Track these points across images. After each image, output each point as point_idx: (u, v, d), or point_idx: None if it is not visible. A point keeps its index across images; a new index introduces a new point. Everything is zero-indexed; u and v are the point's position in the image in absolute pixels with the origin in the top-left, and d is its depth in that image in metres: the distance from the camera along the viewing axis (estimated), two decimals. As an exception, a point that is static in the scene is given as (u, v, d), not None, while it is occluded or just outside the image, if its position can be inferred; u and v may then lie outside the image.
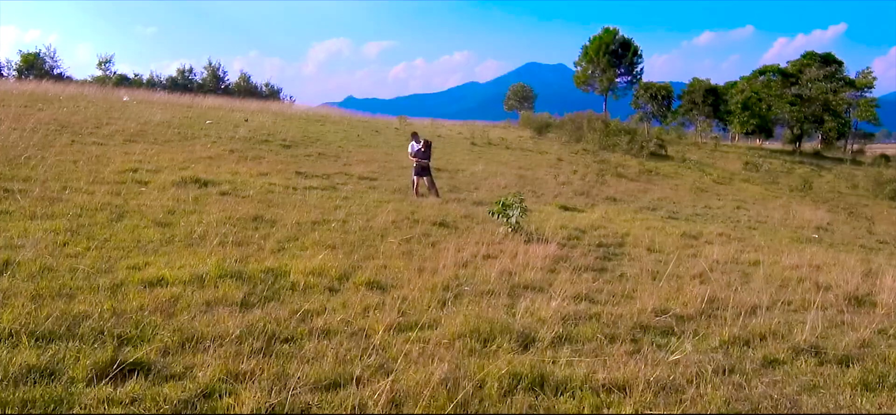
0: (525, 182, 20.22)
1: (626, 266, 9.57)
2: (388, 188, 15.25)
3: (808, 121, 53.97)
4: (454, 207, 13.32)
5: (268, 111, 31.34)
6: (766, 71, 55.17)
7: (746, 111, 54.63)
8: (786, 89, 55.15)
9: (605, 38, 52.82)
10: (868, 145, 62.61)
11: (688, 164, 34.08)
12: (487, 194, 16.33)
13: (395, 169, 19.53)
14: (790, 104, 54.16)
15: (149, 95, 32.58)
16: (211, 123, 24.11)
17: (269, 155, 19.11)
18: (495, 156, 27.54)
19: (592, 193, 19.68)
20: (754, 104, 54.43)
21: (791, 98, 54.25)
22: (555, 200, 16.90)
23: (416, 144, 15.38)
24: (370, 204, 12.65)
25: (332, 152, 21.63)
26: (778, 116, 56.61)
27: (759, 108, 54.90)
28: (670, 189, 24.35)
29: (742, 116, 55.00)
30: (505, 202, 11.14)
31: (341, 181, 15.70)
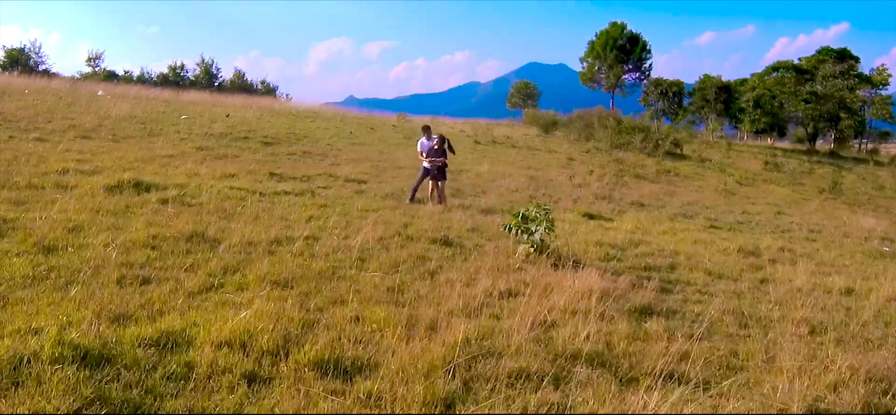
0: (537, 185, 17.54)
1: (696, 302, 6.91)
2: (379, 193, 12.57)
3: (823, 119, 51.22)
4: (458, 216, 10.64)
5: (256, 107, 28.66)
6: (780, 67, 52.41)
7: (758, 109, 51.95)
8: (800, 86, 52.38)
9: (613, 33, 50.09)
10: (882, 145, 59.88)
11: (707, 164, 31.38)
12: (497, 200, 13.66)
13: (390, 169, 16.86)
14: (805, 102, 51.41)
15: (127, 90, 29.91)
16: (186, 119, 21.44)
17: (244, 153, 16.44)
18: (501, 155, 24.85)
19: (614, 196, 17.00)
20: (767, 102, 51.72)
21: (806, 95, 51.49)
22: (575, 207, 14.22)
23: (427, 140, 12.71)
24: (353, 214, 9.98)
25: (318, 151, 18.95)
26: (791, 114, 53.91)
27: (771, 105, 52.23)
28: (696, 191, 21.65)
29: (754, 113, 52.32)
30: (525, 214, 8.44)
31: (323, 184, 13.02)
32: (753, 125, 52.82)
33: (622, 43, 49.97)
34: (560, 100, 62.31)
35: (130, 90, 29.89)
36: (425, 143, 12.68)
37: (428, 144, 12.56)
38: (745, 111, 52.73)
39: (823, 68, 51.98)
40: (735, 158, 36.82)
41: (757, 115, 52.42)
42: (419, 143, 12.99)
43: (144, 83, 48.81)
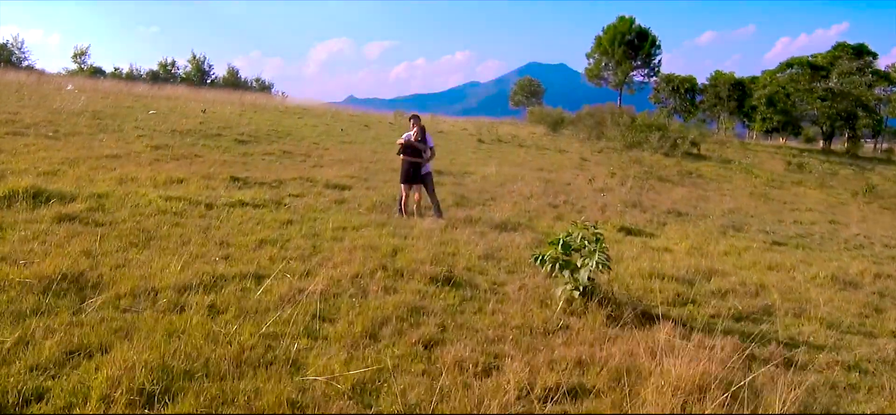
0: (554, 189, 14.87)
1: (862, 393, 4.28)
2: (365, 202, 9.91)
3: (840, 118, 48.48)
4: (465, 236, 7.99)
5: (241, 103, 26.02)
6: (794, 63, 49.68)
7: (771, 107, 49.25)
8: (815, 83, 49.64)
9: (621, 28, 47.37)
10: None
11: (730, 164, 28.71)
12: (511, 210, 11.00)
13: (382, 172, 14.22)
14: (820, 99, 48.67)
15: (104, 85, 27.25)
16: (154, 114, 18.79)
17: (210, 153, 13.78)
18: (508, 155, 22.18)
19: (645, 203, 14.33)
20: (781, 99, 49.00)
21: (821, 92, 48.75)
22: (606, 218, 11.56)
23: (408, 136, 9.85)
24: (325, 234, 7.32)
25: (301, 150, 16.29)
26: (806, 113, 51.19)
27: (785, 104, 49.51)
28: (728, 196, 18.98)
29: (766, 111, 49.62)
30: (567, 241, 5.74)
31: (296, 191, 10.36)
32: (764, 124, 50.12)
33: (630, 38, 47.22)
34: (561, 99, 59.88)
35: (106, 85, 27.21)
36: (409, 135, 9.79)
37: (408, 135, 9.72)
38: (757, 109, 50.04)
39: (840, 65, 49.26)
40: (754, 158, 34.16)
41: (769, 113, 49.73)
42: (404, 136, 9.91)
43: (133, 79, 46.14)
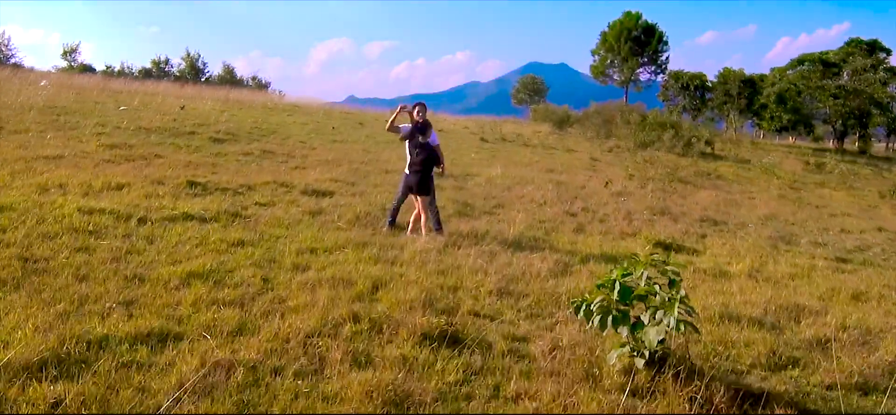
0: (569, 194, 13.00)
1: None
2: (347, 212, 8.04)
3: (852, 116, 46.57)
4: (470, 261, 6.13)
5: (227, 99, 24.15)
6: (805, 60, 47.78)
7: (781, 105, 47.34)
8: (827, 80, 47.71)
9: (627, 23, 45.47)
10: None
11: (748, 165, 26.83)
12: (525, 221, 9.14)
13: (373, 174, 12.38)
14: (833, 97, 46.74)
15: (76, 80, 25.36)
16: (125, 110, 16.94)
17: (175, 153, 11.93)
18: (513, 155, 20.32)
19: (672, 210, 12.45)
20: (792, 97, 47.09)
21: (834, 90, 46.82)
22: (635, 229, 9.70)
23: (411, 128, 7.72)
24: (284, 261, 5.47)
25: (284, 150, 14.43)
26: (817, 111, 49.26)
27: (796, 101, 47.60)
28: (758, 199, 17.10)
29: (775, 110, 47.71)
30: (625, 284, 3.83)
31: (266, 199, 8.50)
32: (772, 123, 48.21)
33: (637, 34, 45.33)
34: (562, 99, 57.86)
35: (83, 80, 25.34)
36: (410, 126, 7.67)
37: (406, 129, 7.65)
38: (767, 107, 48.14)
39: (853, 61, 47.33)
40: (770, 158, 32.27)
41: (778, 111, 47.82)
42: (404, 127, 7.74)
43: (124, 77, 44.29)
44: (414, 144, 7.42)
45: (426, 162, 7.39)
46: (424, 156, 7.37)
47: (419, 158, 7.35)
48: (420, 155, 7.35)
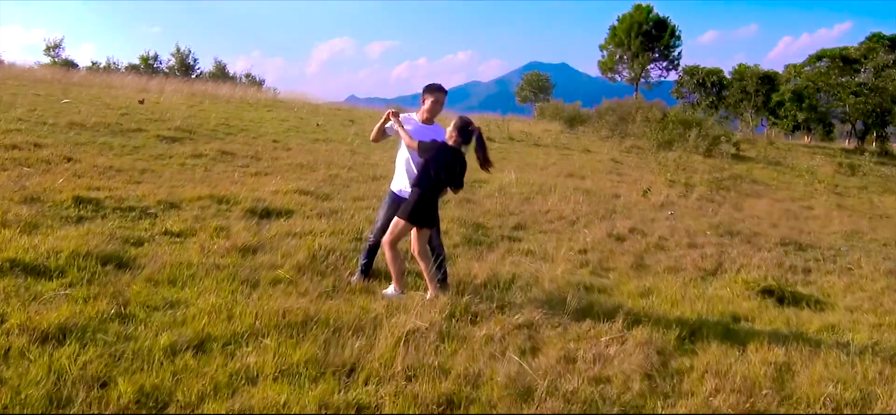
0: (603, 206, 10.15)
1: None
2: (299, 250, 5.19)
3: (875, 114, 43.64)
4: (498, 358, 3.29)
5: (202, 94, 21.25)
6: (825, 55, 44.84)
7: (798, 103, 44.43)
8: (846, 77, 44.79)
9: (637, 17, 42.52)
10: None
11: (780, 167, 23.99)
12: (560, 254, 6.30)
13: (356, 182, 9.58)
14: (853, 95, 43.81)
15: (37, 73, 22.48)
16: (68, 103, 14.11)
17: (97, 155, 9.10)
18: (526, 157, 17.49)
19: (741, 229, 9.57)
20: (811, 95, 44.18)
21: (855, 87, 43.90)
22: (710, 261, 6.85)
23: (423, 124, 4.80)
24: (120, 384, 2.63)
25: (250, 151, 11.59)
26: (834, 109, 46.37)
27: (814, 99, 44.72)
28: (815, 208, 14.25)
29: (792, 108, 44.83)
30: None
31: (185, 225, 5.65)
32: (786, 122, 45.32)
33: (648, 28, 42.42)
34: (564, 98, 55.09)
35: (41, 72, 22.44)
36: (420, 126, 4.76)
37: (424, 130, 4.70)
38: (784, 105, 45.24)
39: (874, 57, 44.41)
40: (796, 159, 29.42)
41: (794, 109, 44.94)
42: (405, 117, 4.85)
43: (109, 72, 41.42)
44: (440, 160, 4.53)
45: (455, 181, 4.61)
46: (456, 172, 4.56)
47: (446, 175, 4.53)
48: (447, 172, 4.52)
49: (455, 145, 4.53)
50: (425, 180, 4.42)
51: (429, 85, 4.80)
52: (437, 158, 4.43)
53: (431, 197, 4.46)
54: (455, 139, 4.53)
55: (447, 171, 4.48)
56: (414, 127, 4.66)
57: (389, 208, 4.63)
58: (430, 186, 4.42)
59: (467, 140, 4.55)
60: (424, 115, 4.77)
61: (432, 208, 4.52)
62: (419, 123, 4.75)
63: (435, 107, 4.72)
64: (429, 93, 4.73)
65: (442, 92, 4.75)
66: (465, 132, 4.53)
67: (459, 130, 4.52)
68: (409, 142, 4.48)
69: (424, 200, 4.42)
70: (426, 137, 4.58)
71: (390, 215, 4.57)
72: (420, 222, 4.45)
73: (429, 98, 4.72)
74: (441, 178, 4.45)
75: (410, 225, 4.46)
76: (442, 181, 4.49)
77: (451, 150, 4.53)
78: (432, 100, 4.71)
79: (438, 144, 4.51)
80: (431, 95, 4.71)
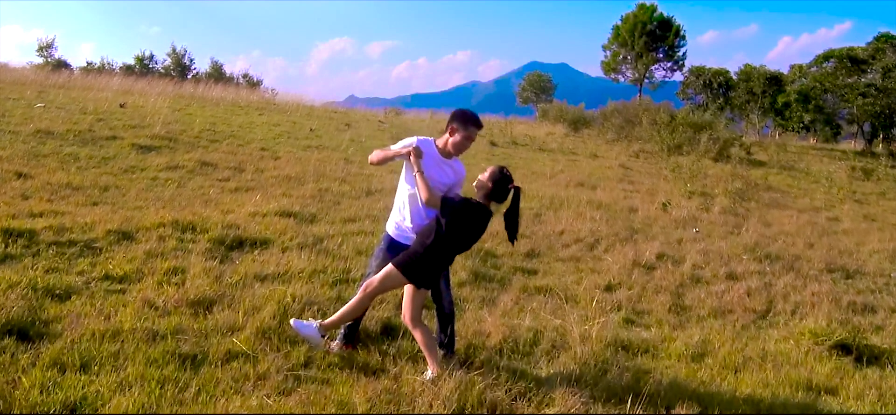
0: (619, 222, 9.11)
1: None
2: (268, 302, 4.17)
3: (884, 115, 42.62)
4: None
5: (187, 95, 20.19)
6: (832, 56, 43.82)
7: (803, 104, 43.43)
8: (854, 78, 43.78)
9: (641, 17, 41.41)
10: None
11: (794, 172, 22.97)
12: (581, 291, 5.27)
13: (348, 198, 8.56)
14: (861, 96, 42.80)
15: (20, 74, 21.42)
16: (42, 107, 13.06)
17: (56, 170, 8.06)
18: (532, 163, 16.47)
19: (779, 253, 8.51)
20: (818, 96, 43.18)
21: (862, 88, 42.89)
22: (756, 299, 5.82)
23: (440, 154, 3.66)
24: None
25: (235, 161, 10.55)
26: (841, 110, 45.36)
27: (820, 100, 43.73)
28: (842, 221, 13.22)
29: (798, 109, 43.82)
30: None
31: (130, 266, 4.62)
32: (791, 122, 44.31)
33: (652, 28, 41.33)
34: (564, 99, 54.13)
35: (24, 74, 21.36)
36: (437, 157, 3.64)
37: (440, 163, 3.62)
38: (790, 106, 44.23)
39: (883, 58, 43.41)
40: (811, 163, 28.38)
41: (800, 111, 43.95)
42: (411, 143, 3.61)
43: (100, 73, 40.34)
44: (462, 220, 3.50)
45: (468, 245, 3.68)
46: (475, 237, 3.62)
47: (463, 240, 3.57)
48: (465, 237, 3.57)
49: (483, 199, 3.50)
50: (436, 237, 3.39)
51: (464, 114, 3.63)
52: (458, 219, 3.41)
53: (439, 258, 3.44)
54: (486, 192, 3.50)
55: (466, 235, 3.48)
56: (428, 157, 3.57)
57: (384, 258, 3.59)
58: (440, 245, 3.40)
59: (501, 198, 3.51)
60: (449, 147, 3.62)
61: (437, 270, 3.50)
62: (437, 153, 3.64)
63: (465, 143, 3.62)
64: (461, 125, 3.58)
65: (477, 127, 3.65)
66: (502, 188, 3.48)
67: (495, 182, 3.48)
68: (429, 198, 3.40)
69: (430, 258, 3.40)
70: (443, 173, 3.57)
71: (378, 258, 3.55)
72: (418, 281, 3.42)
73: (460, 131, 3.58)
74: (455, 241, 3.45)
75: (404, 280, 3.44)
76: (455, 246, 3.48)
77: (478, 209, 3.50)
78: (463, 135, 3.58)
79: (465, 203, 3.48)
80: (464, 129, 3.57)
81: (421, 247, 3.43)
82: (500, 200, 3.51)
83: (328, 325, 3.52)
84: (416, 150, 3.48)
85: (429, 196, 3.38)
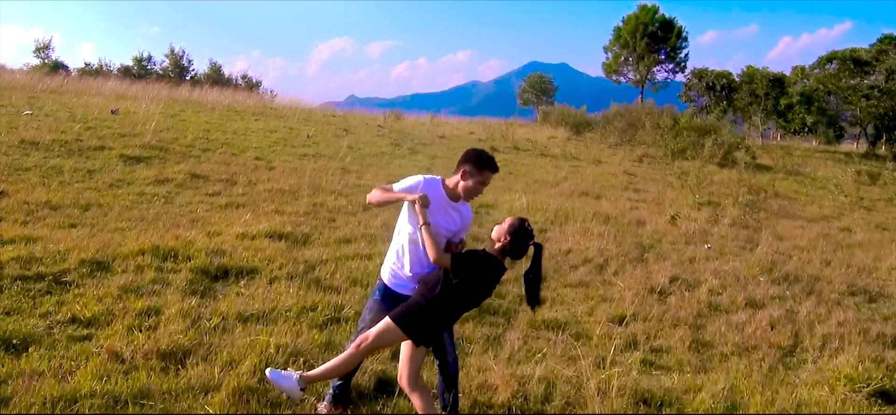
0: (628, 239, 8.69)
1: None
2: (243, 351, 3.75)
3: (888, 117, 42.23)
4: None
5: (183, 100, 19.75)
6: (835, 58, 43.40)
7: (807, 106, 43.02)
8: (858, 79, 43.40)
9: (643, 18, 40.94)
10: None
11: (800, 177, 22.55)
12: (606, 334, 4.83)
13: (344, 214, 8.15)
14: (865, 98, 42.41)
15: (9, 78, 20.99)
16: (29, 114, 12.64)
17: (37, 185, 7.64)
18: (534, 170, 16.04)
19: (797, 273, 8.09)
20: (821, 97, 42.79)
21: (866, 90, 42.50)
22: (781, 332, 5.39)
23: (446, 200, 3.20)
24: None
25: (225, 173, 10.13)
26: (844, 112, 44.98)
27: (823, 102, 43.34)
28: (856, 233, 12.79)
29: (800, 110, 43.42)
30: None
31: (102, 305, 4.21)
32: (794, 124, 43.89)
33: (654, 29, 40.87)
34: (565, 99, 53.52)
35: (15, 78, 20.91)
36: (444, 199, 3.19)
37: (445, 206, 3.18)
38: (792, 108, 43.83)
39: (886, 60, 43.01)
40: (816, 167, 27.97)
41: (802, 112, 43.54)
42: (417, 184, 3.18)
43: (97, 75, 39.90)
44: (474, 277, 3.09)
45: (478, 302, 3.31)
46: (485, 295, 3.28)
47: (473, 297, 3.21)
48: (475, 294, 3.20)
49: (497, 253, 3.08)
50: (443, 289, 2.98)
51: (479, 156, 3.16)
52: (470, 276, 3.01)
53: (444, 314, 3.04)
54: (502, 246, 3.10)
55: (477, 293, 3.09)
56: (434, 200, 3.11)
57: (379, 310, 3.16)
58: (446, 299, 2.99)
59: (519, 254, 3.13)
60: (458, 191, 3.19)
61: (441, 327, 3.09)
62: (445, 195, 3.19)
63: (478, 189, 3.20)
64: (475, 169, 3.13)
65: (493, 171, 3.21)
66: (521, 244, 3.10)
67: (514, 235, 3.08)
68: (438, 257, 2.97)
69: (433, 312, 2.99)
70: (449, 219, 3.17)
71: (380, 318, 3.12)
72: (419, 337, 3.01)
73: (473, 177, 3.14)
74: (465, 298, 3.05)
75: (403, 335, 3.02)
76: (464, 303, 3.08)
77: (492, 264, 3.09)
78: (477, 181, 3.16)
79: (478, 258, 3.06)
80: (478, 174, 3.14)
81: (423, 299, 3.01)
82: (516, 256, 3.11)
83: (311, 377, 3.10)
84: (422, 198, 3.02)
85: (437, 255, 2.95)
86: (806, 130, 45.98)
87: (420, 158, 15.05)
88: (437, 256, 2.95)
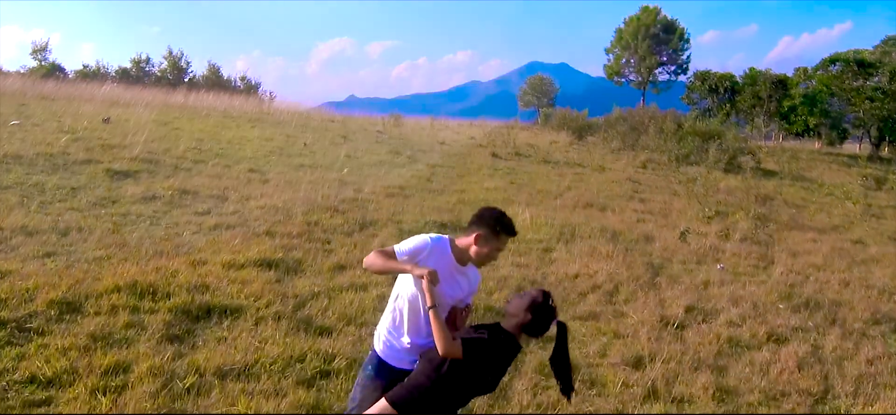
0: (636, 259, 8.28)
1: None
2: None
3: (891, 119, 41.84)
4: None
5: (177, 106, 19.35)
6: (838, 59, 43.00)
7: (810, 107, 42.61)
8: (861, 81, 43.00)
9: (645, 19, 40.54)
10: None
11: (806, 182, 22.13)
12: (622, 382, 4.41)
13: (340, 234, 7.74)
14: (868, 100, 42.00)
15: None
16: (17, 124, 12.24)
17: (13, 208, 7.22)
18: (537, 179, 15.61)
19: (819, 300, 7.66)
20: (824, 100, 42.38)
21: (870, 92, 42.09)
22: (809, 378, 4.97)
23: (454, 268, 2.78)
24: None
25: (217, 187, 9.72)
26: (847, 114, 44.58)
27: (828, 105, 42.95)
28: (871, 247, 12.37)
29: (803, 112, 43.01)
30: None
31: (61, 357, 3.79)
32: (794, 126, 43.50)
33: (656, 31, 40.45)
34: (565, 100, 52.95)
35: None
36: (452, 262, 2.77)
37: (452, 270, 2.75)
38: (795, 110, 43.41)
39: (890, 62, 42.63)
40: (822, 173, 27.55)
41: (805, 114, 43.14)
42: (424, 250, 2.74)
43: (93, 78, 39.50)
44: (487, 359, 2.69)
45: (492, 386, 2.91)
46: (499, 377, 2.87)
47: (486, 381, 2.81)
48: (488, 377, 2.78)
49: (514, 329, 2.68)
50: (450, 370, 2.57)
51: (497, 220, 2.77)
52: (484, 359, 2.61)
53: (453, 398, 2.63)
54: (521, 323, 2.70)
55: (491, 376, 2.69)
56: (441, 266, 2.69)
57: (372, 387, 2.73)
58: (455, 381, 2.58)
59: (539, 333, 2.73)
60: (470, 255, 2.78)
61: (447, 412, 2.68)
62: (453, 258, 2.77)
63: (493, 256, 2.80)
64: (491, 234, 2.75)
65: (511, 236, 2.81)
66: (543, 322, 2.70)
67: (535, 312, 2.68)
68: (448, 349, 2.55)
69: (440, 395, 2.59)
70: (456, 287, 2.76)
71: (374, 398, 2.69)
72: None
73: (489, 243, 2.75)
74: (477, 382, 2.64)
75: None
76: (476, 387, 2.68)
77: (508, 344, 2.69)
78: (493, 247, 2.77)
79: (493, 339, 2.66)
80: (495, 241, 2.76)
81: (428, 379, 2.60)
82: (536, 335, 2.70)
83: None
84: (431, 275, 2.56)
85: (447, 347, 2.52)
86: (809, 133, 45.58)
87: (419, 167, 14.64)
88: (446, 348, 2.52)
